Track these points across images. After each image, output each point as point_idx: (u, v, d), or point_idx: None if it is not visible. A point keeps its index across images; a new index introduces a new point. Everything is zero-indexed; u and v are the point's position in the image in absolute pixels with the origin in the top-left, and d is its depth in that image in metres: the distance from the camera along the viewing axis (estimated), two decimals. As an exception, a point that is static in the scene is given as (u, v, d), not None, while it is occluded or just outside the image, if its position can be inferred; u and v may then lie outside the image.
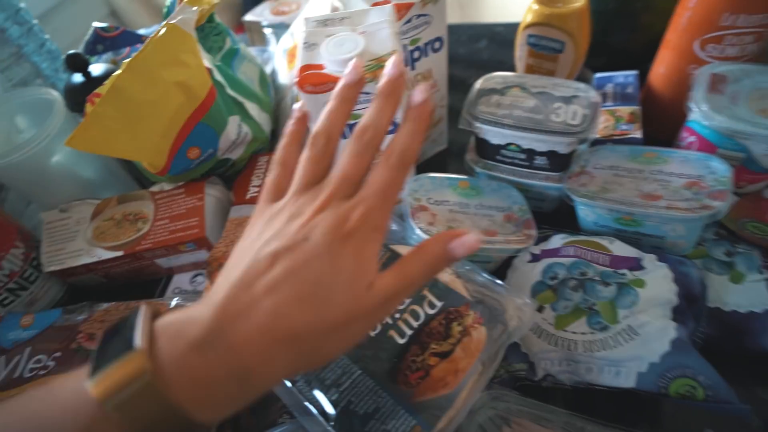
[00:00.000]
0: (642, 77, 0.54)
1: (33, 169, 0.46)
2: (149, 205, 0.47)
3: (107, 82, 0.36)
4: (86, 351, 0.39)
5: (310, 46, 0.37)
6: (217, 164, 0.47)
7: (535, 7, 0.49)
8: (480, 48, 0.74)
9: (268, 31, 0.72)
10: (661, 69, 0.51)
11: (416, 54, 0.46)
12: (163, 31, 0.36)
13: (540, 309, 0.37)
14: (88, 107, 0.38)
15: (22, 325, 0.42)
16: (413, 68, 0.47)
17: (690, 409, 0.32)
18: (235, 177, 0.50)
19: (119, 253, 0.45)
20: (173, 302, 0.41)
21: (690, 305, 0.34)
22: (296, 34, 0.63)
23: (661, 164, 0.41)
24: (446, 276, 0.37)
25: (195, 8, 0.40)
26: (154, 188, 0.48)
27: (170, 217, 0.46)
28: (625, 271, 0.37)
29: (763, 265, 0.38)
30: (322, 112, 0.28)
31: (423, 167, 0.57)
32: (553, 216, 0.48)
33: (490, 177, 0.47)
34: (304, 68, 0.36)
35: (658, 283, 0.35)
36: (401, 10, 0.42)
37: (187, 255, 0.48)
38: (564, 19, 0.48)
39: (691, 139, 0.44)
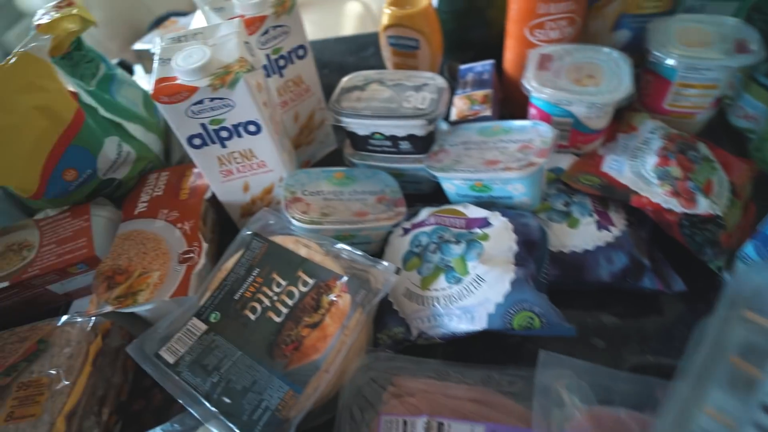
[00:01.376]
0: (500, 65, 0.60)
1: None
2: (34, 233, 0.47)
3: (-41, 112, 0.37)
4: (-31, 383, 0.38)
5: (164, 61, 0.40)
6: (101, 185, 0.48)
7: (388, 10, 0.55)
8: (367, 55, 0.79)
9: (159, 57, 0.73)
10: (509, 55, 0.57)
11: (281, 62, 0.50)
12: (13, 59, 0.38)
13: (398, 271, 0.41)
14: (-57, 138, 0.38)
15: None
16: (281, 75, 0.51)
17: (532, 338, 0.37)
18: (125, 196, 0.51)
19: (5, 284, 0.45)
20: (61, 320, 0.41)
21: (530, 250, 0.39)
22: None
23: (503, 134, 0.46)
24: (318, 256, 0.40)
25: (47, 36, 0.41)
26: (38, 216, 0.48)
27: (57, 240, 0.47)
28: (476, 229, 0.41)
29: (593, 209, 0.44)
30: None
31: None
32: (432, 195, 0.53)
33: (367, 166, 0.51)
34: (159, 81, 0.39)
35: (499, 234, 0.40)
36: (255, 23, 0.45)
37: (81, 277, 0.48)
38: (413, 18, 0.53)
39: (533, 111, 0.50)
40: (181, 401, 0.34)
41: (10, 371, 0.38)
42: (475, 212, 0.43)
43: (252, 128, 0.42)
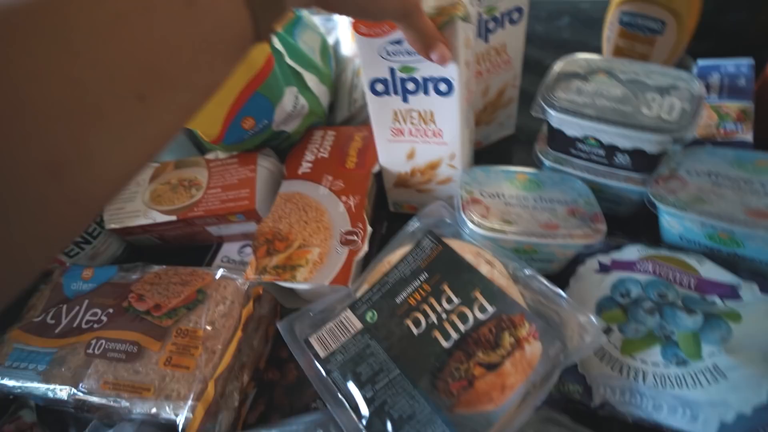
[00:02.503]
0: (758, 67, 0.45)
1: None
2: (203, 173, 0.47)
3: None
4: (135, 311, 0.40)
5: None
6: (272, 136, 0.46)
7: (637, -21, 0.42)
8: (561, 26, 0.67)
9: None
10: (785, 59, 0.42)
11: (491, 25, 0.42)
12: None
13: (607, 330, 0.33)
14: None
15: (83, 278, 0.44)
16: (486, 40, 0.43)
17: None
18: (289, 150, 0.49)
19: (173, 218, 0.46)
20: (218, 273, 0.41)
21: (795, 348, 0.29)
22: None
23: (777, 175, 0.34)
24: (502, 279, 0.34)
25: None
26: (209, 156, 0.48)
27: (222, 186, 0.46)
28: (714, 298, 0.31)
29: None
30: None
31: (486, 154, 0.53)
32: (630, 222, 0.43)
33: (558, 171, 0.42)
34: None
35: (758, 319, 0.29)
36: None
37: (237, 225, 0.47)
38: (671, -6, 0.41)
39: (818, 147, 0.37)
40: (328, 405, 0.32)
41: (172, 314, 0.38)
42: (713, 272, 0.33)
43: (443, 87, 0.36)
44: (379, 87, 0.38)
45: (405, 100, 0.38)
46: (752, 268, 0.34)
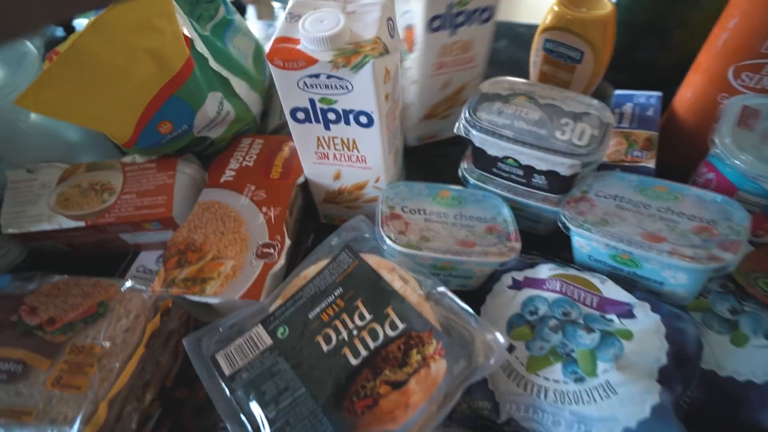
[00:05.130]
0: (666, 100, 0.49)
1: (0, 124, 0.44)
2: (118, 177, 0.44)
3: (68, 40, 0.33)
4: (25, 325, 0.36)
5: (292, 17, 0.35)
6: (193, 142, 0.44)
7: (556, 8, 0.44)
8: (498, 48, 0.69)
9: (276, 5, 0.68)
10: (687, 93, 0.46)
11: (461, 18, 0.42)
12: (136, -9, 0.33)
13: (510, 348, 0.34)
14: (45, 65, 0.35)
15: (-28, 287, 0.40)
16: (453, 33, 0.43)
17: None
18: (214, 156, 0.47)
19: (81, 224, 0.43)
20: (125, 285, 0.38)
21: (680, 367, 0.31)
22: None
23: (672, 201, 0.37)
24: (414, 296, 0.34)
25: (176, -31, 0.36)
26: (126, 159, 0.45)
27: (138, 192, 0.43)
28: (612, 317, 0.33)
29: (770, 328, 0.34)
30: None
31: (429, 157, 0.54)
32: (548, 240, 0.45)
33: (482, 189, 0.43)
34: (279, 40, 0.33)
35: (647, 337, 0.31)
36: None
37: (153, 234, 0.45)
38: (586, 25, 0.43)
39: (710, 175, 0.40)
40: (229, 427, 0.30)
41: (67, 329, 0.35)
42: (614, 292, 0.34)
43: (363, 119, 0.36)
44: (300, 115, 0.37)
45: (327, 128, 0.38)
46: (648, 287, 0.36)
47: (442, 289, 0.34)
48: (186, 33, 0.37)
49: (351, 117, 0.36)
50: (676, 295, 0.35)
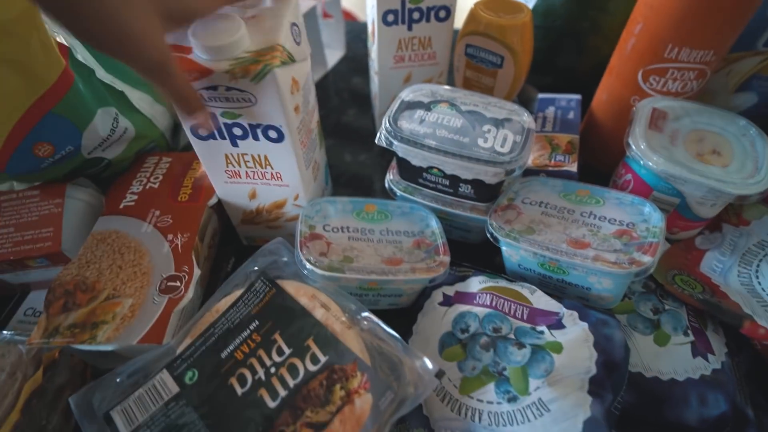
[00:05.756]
0: (585, 103, 0.50)
1: None
2: (-8, 208, 0.38)
3: None
4: None
5: None
6: (85, 164, 0.39)
7: (475, 13, 0.44)
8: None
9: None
10: (603, 96, 0.47)
11: (416, 15, 0.43)
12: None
13: (441, 373, 0.32)
14: None
15: None
16: (410, 29, 0.44)
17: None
18: (114, 179, 0.42)
19: (-56, 267, 0.36)
20: (4, 335, 0.32)
21: (610, 374, 0.30)
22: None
23: (594, 205, 0.37)
24: (337, 324, 0.31)
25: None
26: (1, 187, 0.39)
27: (17, 224, 0.37)
28: (543, 328, 0.32)
29: (688, 325, 0.34)
30: None
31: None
32: (480, 248, 0.44)
33: (409, 200, 0.42)
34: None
35: (576, 347, 0.30)
36: None
37: (42, 271, 0.39)
38: (505, 31, 0.43)
39: (628, 176, 0.41)
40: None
41: None
42: (544, 302, 0.34)
43: (273, 134, 0.33)
44: (202, 131, 0.34)
45: (234, 144, 0.34)
46: (576, 293, 0.36)
47: (366, 314, 0.32)
48: (62, 40, 0.32)
49: (259, 132, 0.33)
50: (602, 299, 0.35)
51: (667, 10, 0.37)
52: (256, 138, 0.33)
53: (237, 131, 0.33)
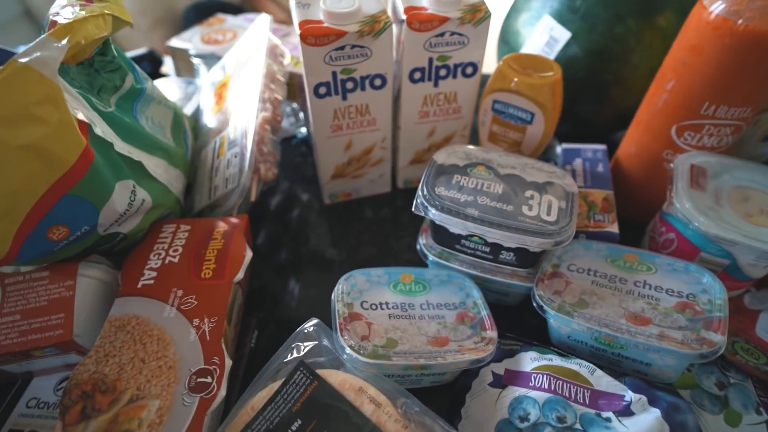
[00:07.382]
0: (608, 150, 0.49)
1: None
2: (-5, 293, 0.35)
3: None
4: None
5: (302, 5, 0.39)
6: (100, 241, 0.36)
7: (504, 70, 0.43)
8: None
9: (196, 60, 0.61)
10: (632, 149, 0.46)
11: (443, 72, 0.44)
12: (6, 71, 0.26)
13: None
14: None
15: None
16: (436, 85, 0.45)
17: None
18: (128, 250, 0.39)
19: (-59, 362, 0.32)
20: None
21: (687, 465, 0.28)
22: (228, 67, 0.54)
23: (646, 273, 0.35)
24: (391, 423, 0.28)
25: (63, 42, 0.29)
26: (6, 269, 0.36)
27: (24, 311, 0.34)
28: (610, 415, 0.30)
29: (759, 402, 0.32)
30: None
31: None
32: (517, 311, 0.42)
33: (444, 267, 0.39)
34: (304, 23, 0.38)
35: (651, 439, 0.28)
36: (433, 21, 0.39)
37: (50, 359, 0.35)
38: (535, 89, 0.42)
39: (671, 236, 0.39)
40: None
41: None
42: (605, 383, 0.31)
43: (378, 82, 0.42)
44: (322, 90, 0.41)
45: (344, 98, 0.42)
46: (633, 367, 0.34)
47: (419, 407, 0.29)
48: (81, 117, 0.30)
49: (367, 82, 0.41)
50: (663, 374, 0.33)
51: (702, 68, 0.37)
52: (363, 88, 0.42)
53: (349, 85, 0.41)
